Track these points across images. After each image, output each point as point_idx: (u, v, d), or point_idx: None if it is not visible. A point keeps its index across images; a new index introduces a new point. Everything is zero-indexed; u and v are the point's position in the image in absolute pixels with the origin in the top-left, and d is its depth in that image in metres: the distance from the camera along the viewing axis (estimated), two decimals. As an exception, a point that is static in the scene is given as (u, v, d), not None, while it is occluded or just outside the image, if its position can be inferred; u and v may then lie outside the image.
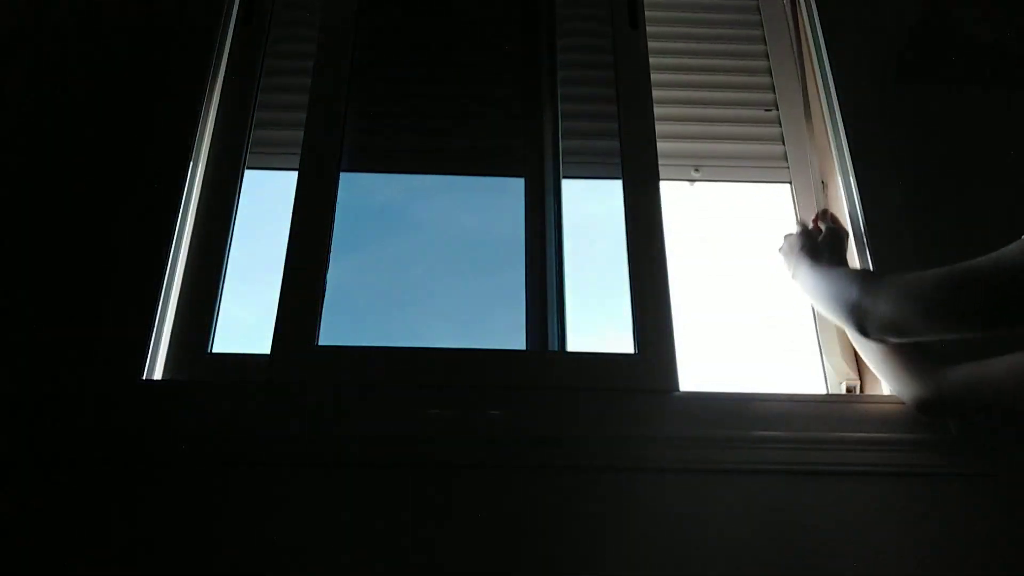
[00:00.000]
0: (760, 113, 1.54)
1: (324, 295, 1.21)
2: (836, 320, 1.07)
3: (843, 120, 1.39)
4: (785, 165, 1.48)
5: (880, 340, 0.98)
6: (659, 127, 1.38)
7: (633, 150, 1.35)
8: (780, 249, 1.28)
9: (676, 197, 1.49)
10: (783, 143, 1.50)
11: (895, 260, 1.25)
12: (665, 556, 1.03)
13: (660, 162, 1.35)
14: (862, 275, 1.02)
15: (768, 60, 1.58)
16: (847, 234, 1.28)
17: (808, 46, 1.53)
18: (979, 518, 1.07)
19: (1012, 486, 1.10)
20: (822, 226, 1.29)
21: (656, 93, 1.42)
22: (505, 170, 1.46)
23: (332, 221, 1.27)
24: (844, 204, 1.36)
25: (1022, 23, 1.50)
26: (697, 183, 1.51)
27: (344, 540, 1.02)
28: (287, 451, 1.08)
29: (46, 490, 1.03)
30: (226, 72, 1.43)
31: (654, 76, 1.43)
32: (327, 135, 1.32)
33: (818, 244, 1.21)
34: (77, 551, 1.00)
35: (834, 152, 1.40)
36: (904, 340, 0.95)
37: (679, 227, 1.45)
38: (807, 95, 1.48)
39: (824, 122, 1.45)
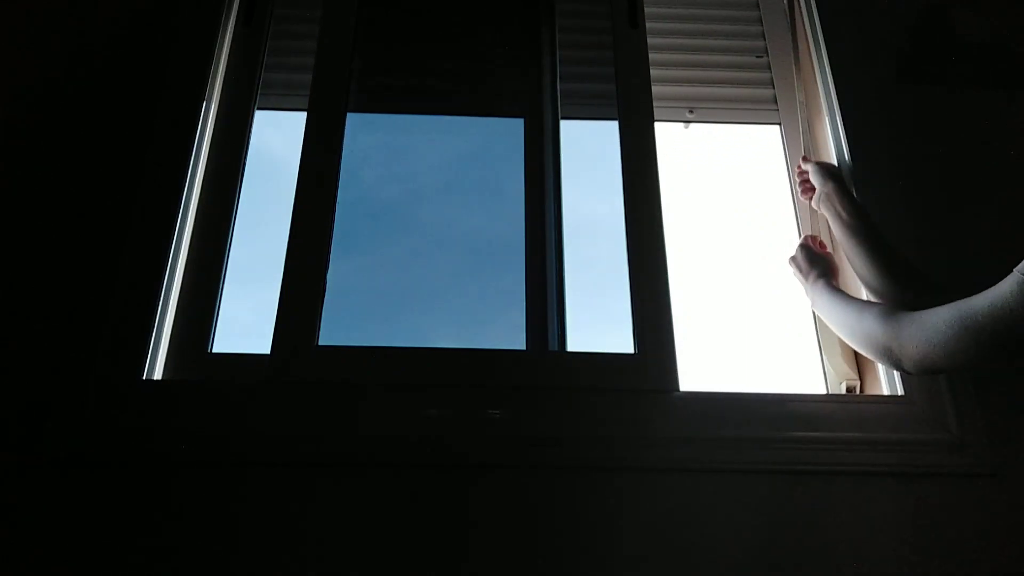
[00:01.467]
0: (752, 59, 1.61)
1: (324, 295, 1.21)
2: (866, 354, 1.07)
3: (843, 120, 1.39)
4: (775, 107, 1.56)
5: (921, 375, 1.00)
6: (654, 72, 1.44)
7: (629, 91, 1.39)
8: (792, 259, 1.31)
9: (671, 140, 1.55)
10: (773, 87, 1.57)
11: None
12: (664, 556, 1.03)
13: (655, 104, 1.39)
14: (880, 313, 1.01)
15: (759, 10, 1.66)
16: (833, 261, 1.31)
17: (808, 46, 1.54)
18: (979, 518, 1.08)
19: (1012, 486, 1.10)
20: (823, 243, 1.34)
21: (652, 40, 1.47)
22: (505, 111, 1.50)
23: (337, 174, 1.28)
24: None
25: (1021, 23, 1.50)
26: (691, 125, 1.57)
27: (343, 539, 1.02)
28: (287, 451, 1.08)
29: (46, 489, 1.03)
30: (226, 72, 1.44)
31: (650, 25, 1.49)
32: (334, 75, 1.35)
33: (828, 264, 1.26)
34: (77, 550, 1.00)
35: (834, 152, 1.40)
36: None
37: (675, 172, 1.49)
38: (796, 43, 1.54)
39: (812, 68, 1.50)
